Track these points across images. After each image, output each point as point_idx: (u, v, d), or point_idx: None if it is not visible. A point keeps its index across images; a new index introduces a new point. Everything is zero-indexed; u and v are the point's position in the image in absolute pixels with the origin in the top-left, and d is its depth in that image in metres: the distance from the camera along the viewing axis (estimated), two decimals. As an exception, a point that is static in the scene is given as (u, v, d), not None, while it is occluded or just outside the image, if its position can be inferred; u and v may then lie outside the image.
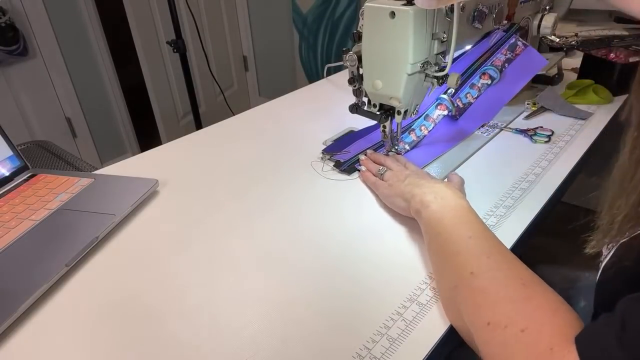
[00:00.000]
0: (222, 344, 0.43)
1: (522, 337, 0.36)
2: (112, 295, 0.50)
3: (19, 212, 0.62)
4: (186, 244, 0.57)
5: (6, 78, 1.87)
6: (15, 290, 0.49)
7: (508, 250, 0.45)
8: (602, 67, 0.93)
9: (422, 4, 0.53)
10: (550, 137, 0.77)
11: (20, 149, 0.74)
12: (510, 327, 0.37)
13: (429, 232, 0.50)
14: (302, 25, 2.48)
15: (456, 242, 0.46)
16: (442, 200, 0.51)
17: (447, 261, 0.46)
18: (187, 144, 0.85)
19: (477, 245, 0.45)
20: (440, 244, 0.48)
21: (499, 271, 0.42)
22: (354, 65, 0.66)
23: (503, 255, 0.44)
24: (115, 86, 2.24)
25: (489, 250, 0.44)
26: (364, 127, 0.82)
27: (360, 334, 0.43)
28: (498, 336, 0.37)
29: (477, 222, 0.48)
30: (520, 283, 0.40)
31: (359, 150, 0.75)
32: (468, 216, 0.49)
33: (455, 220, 0.49)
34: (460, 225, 0.48)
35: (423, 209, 0.52)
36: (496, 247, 0.45)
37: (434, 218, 0.50)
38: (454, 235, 0.47)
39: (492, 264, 0.43)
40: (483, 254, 0.44)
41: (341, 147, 0.77)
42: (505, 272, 0.42)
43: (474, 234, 0.46)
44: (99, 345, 0.44)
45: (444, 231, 0.48)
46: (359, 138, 0.79)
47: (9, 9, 1.77)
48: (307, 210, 0.63)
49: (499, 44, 0.82)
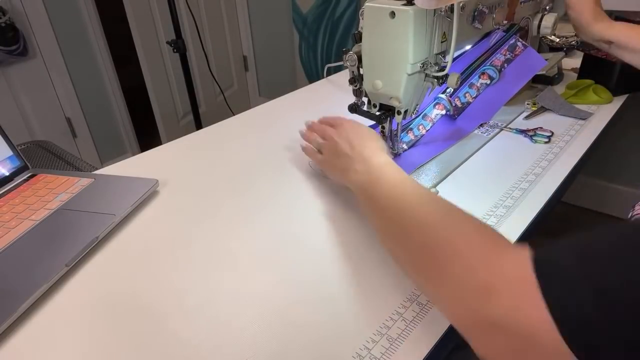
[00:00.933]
0: (221, 344, 0.43)
1: (455, 254, 0.38)
2: (112, 295, 0.50)
3: (19, 212, 0.62)
4: (186, 244, 0.57)
5: (6, 78, 1.87)
6: (15, 290, 0.49)
7: (426, 189, 0.49)
8: (602, 67, 0.93)
9: (422, 4, 0.53)
10: (550, 138, 0.77)
11: (20, 149, 0.74)
12: (444, 247, 0.39)
13: (358, 196, 0.54)
14: (302, 25, 2.48)
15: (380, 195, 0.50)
16: (360, 166, 0.55)
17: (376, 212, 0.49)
18: (187, 144, 0.85)
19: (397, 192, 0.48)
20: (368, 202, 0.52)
21: (423, 205, 0.45)
22: (354, 65, 0.66)
23: (423, 192, 0.47)
24: (115, 86, 2.23)
25: (409, 191, 0.48)
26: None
27: (360, 334, 0.43)
28: (432, 257, 0.40)
29: (392, 173, 0.51)
30: (444, 212, 0.43)
31: None
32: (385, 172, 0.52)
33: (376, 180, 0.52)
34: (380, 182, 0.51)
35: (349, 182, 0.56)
36: (415, 187, 0.48)
37: (359, 185, 0.54)
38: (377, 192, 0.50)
39: (415, 201, 0.46)
40: (403, 196, 0.47)
41: None
42: (429, 205, 0.45)
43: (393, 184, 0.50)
44: (98, 345, 0.44)
45: (369, 193, 0.52)
46: None
47: (9, 9, 1.77)
48: (307, 211, 0.63)
49: (499, 44, 0.82)
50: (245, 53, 2.78)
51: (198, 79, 2.37)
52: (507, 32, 0.83)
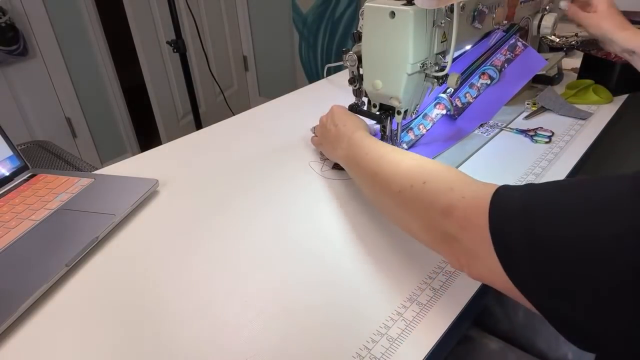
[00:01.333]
0: (222, 344, 0.43)
1: (424, 187, 0.44)
2: (112, 295, 0.50)
3: (19, 212, 0.62)
4: (186, 244, 0.57)
5: (6, 78, 1.87)
6: (15, 290, 0.49)
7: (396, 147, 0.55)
8: (602, 67, 0.93)
9: (422, 4, 0.53)
10: (551, 138, 0.77)
11: (20, 149, 0.74)
12: (415, 185, 0.45)
13: (351, 167, 0.60)
14: (302, 25, 2.48)
15: (362, 163, 0.56)
16: (346, 142, 0.61)
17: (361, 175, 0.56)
18: (187, 144, 0.85)
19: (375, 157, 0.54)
20: (354, 171, 0.59)
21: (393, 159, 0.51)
22: (354, 65, 0.66)
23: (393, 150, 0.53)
24: (115, 86, 2.24)
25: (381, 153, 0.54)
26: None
27: (360, 334, 0.43)
28: (407, 194, 0.46)
29: (370, 145, 0.57)
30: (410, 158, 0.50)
31: None
32: (361, 142, 0.58)
33: (364, 148, 0.57)
34: (368, 150, 0.56)
35: (339, 157, 0.64)
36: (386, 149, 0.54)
37: (344, 159, 0.62)
38: (359, 161, 0.57)
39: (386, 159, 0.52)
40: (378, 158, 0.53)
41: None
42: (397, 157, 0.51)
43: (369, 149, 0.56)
44: (99, 345, 0.44)
45: (352, 164, 0.59)
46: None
47: (9, 9, 1.77)
48: (307, 211, 0.63)
49: (499, 44, 0.82)
50: (245, 53, 2.78)
51: (198, 79, 2.37)
52: (507, 32, 0.83)
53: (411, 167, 0.48)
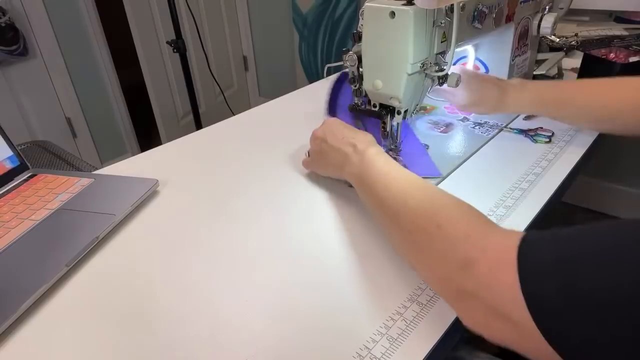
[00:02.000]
0: (222, 344, 0.43)
1: (438, 232, 0.41)
2: (112, 296, 0.50)
3: (19, 212, 0.62)
4: (186, 244, 0.57)
5: (6, 78, 1.87)
6: (15, 290, 0.49)
7: (413, 175, 0.51)
8: (602, 67, 0.93)
9: (422, 4, 0.53)
10: (551, 138, 0.77)
11: (20, 149, 0.74)
12: (428, 227, 0.42)
13: (360, 187, 0.57)
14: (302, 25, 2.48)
15: (375, 187, 0.52)
16: (359, 157, 0.57)
17: (378, 205, 0.52)
18: (187, 144, 0.85)
19: (394, 185, 0.51)
20: (372, 192, 0.53)
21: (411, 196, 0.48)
22: (354, 65, 0.66)
23: (409, 179, 0.50)
24: (115, 86, 2.24)
25: (397, 177, 0.51)
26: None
27: (360, 334, 0.43)
28: (420, 237, 0.43)
29: (383, 166, 0.54)
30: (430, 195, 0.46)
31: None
32: (382, 160, 0.55)
33: (378, 167, 0.54)
34: (382, 171, 0.54)
35: (349, 173, 0.59)
36: (402, 174, 0.52)
37: (360, 174, 0.56)
38: (380, 182, 0.53)
39: (400, 188, 0.49)
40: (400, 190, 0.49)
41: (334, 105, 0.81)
42: (413, 189, 0.48)
43: (395, 174, 0.52)
44: (98, 344, 0.44)
45: (370, 181, 0.54)
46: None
47: (9, 9, 1.77)
48: (307, 211, 0.63)
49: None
50: (245, 53, 2.78)
51: (198, 79, 2.37)
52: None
53: (421, 202, 0.45)
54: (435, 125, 0.84)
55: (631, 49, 1.02)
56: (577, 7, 1.29)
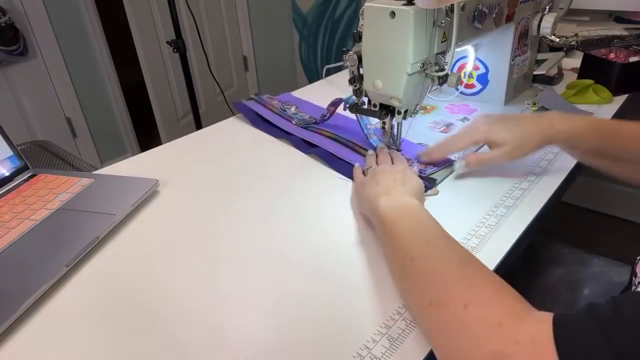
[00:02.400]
0: (222, 344, 0.43)
1: (465, 314, 0.35)
2: (112, 295, 0.50)
3: (19, 212, 0.62)
4: (186, 244, 0.57)
5: (6, 78, 1.87)
6: (15, 290, 0.49)
7: (450, 236, 0.46)
8: (602, 67, 0.93)
9: (422, 4, 0.53)
10: (551, 137, 0.77)
11: (20, 149, 0.74)
12: (452, 305, 0.36)
13: (377, 226, 0.52)
14: (302, 25, 2.48)
15: (400, 231, 0.47)
16: (392, 198, 0.53)
17: (392, 250, 0.47)
18: (187, 143, 0.85)
19: (418, 234, 0.46)
20: (386, 234, 0.49)
21: (437, 252, 0.43)
22: (354, 65, 0.66)
23: (444, 241, 0.45)
24: (115, 86, 2.23)
25: (428, 237, 0.45)
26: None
27: (361, 333, 0.43)
28: (442, 315, 0.37)
29: (424, 214, 0.50)
30: (458, 262, 0.41)
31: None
32: (415, 211, 0.50)
33: (401, 214, 0.50)
34: (405, 217, 0.49)
35: (374, 207, 0.53)
36: (437, 232, 0.46)
37: (382, 213, 0.51)
38: (399, 225, 0.48)
39: (430, 248, 0.44)
40: (423, 241, 0.45)
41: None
42: (445, 254, 0.43)
43: (417, 223, 0.48)
44: (98, 345, 0.44)
45: (389, 223, 0.49)
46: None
47: (9, 9, 1.77)
48: (307, 210, 0.63)
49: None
50: (245, 53, 2.77)
51: (198, 79, 2.37)
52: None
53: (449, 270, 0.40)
54: (435, 125, 0.84)
55: (631, 49, 1.02)
56: (577, 7, 1.29)
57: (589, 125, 0.60)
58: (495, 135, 0.61)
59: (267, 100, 0.93)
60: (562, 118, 0.61)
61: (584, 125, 0.60)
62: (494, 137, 0.61)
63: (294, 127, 0.83)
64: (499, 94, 0.89)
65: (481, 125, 0.62)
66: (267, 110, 0.89)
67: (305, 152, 0.77)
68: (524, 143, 0.61)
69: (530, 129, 0.61)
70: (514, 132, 0.61)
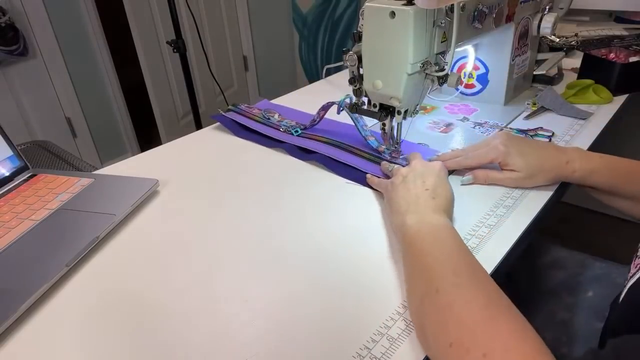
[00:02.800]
0: (222, 344, 0.43)
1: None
2: (112, 295, 0.50)
3: (19, 212, 0.62)
4: (186, 244, 0.57)
5: (6, 78, 1.87)
6: (15, 290, 0.49)
7: (480, 267, 0.43)
8: (602, 67, 0.93)
9: (422, 4, 0.53)
10: (551, 138, 0.77)
11: (20, 149, 0.74)
12: (473, 351, 0.35)
13: (403, 244, 0.50)
14: (302, 25, 2.48)
15: (427, 257, 0.45)
16: (420, 216, 0.51)
17: (416, 276, 0.45)
18: (187, 144, 0.85)
19: (446, 262, 0.44)
20: (412, 257, 0.47)
21: (464, 289, 0.40)
22: (354, 65, 0.66)
23: (472, 273, 0.42)
24: (115, 86, 2.24)
25: (457, 267, 0.43)
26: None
27: (361, 333, 0.43)
28: (460, 359, 0.36)
29: (452, 240, 0.47)
30: (484, 302, 0.38)
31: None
32: (444, 234, 0.48)
33: (430, 236, 0.48)
34: (433, 241, 0.47)
35: (401, 224, 0.52)
36: (467, 264, 0.44)
37: (410, 233, 0.49)
38: (426, 250, 0.46)
39: (458, 281, 0.41)
40: (450, 271, 0.42)
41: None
42: (471, 290, 0.40)
43: (445, 250, 0.45)
44: (99, 345, 0.44)
45: (417, 245, 0.47)
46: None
47: (9, 9, 1.77)
48: (307, 210, 0.63)
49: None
50: (245, 53, 2.78)
51: (198, 79, 2.37)
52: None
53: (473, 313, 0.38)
54: (435, 125, 0.84)
55: (631, 49, 1.02)
56: (577, 7, 1.29)
57: (607, 165, 0.60)
58: (510, 158, 0.61)
59: (246, 109, 0.91)
60: (581, 157, 0.61)
61: (602, 165, 0.60)
62: (508, 160, 0.61)
63: (283, 134, 0.81)
64: (499, 94, 0.90)
65: (500, 145, 0.62)
66: (250, 120, 0.87)
67: (302, 159, 0.75)
68: (535, 175, 0.61)
69: (545, 163, 0.61)
70: (529, 161, 0.61)
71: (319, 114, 0.81)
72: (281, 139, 0.79)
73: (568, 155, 0.61)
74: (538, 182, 0.62)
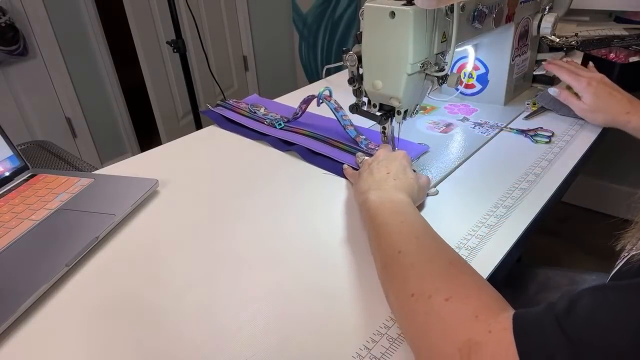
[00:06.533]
0: (221, 344, 0.43)
1: (445, 306, 0.37)
2: (112, 295, 0.50)
3: (19, 212, 0.62)
4: (186, 244, 0.57)
5: (6, 78, 1.87)
6: (15, 290, 0.49)
7: (438, 235, 0.47)
8: (602, 67, 0.93)
9: (422, 4, 0.53)
10: (551, 138, 0.77)
11: (20, 149, 0.74)
12: (435, 297, 0.38)
13: (366, 219, 0.53)
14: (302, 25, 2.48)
15: (388, 225, 0.48)
16: (382, 193, 0.54)
17: (379, 243, 0.48)
18: (187, 144, 0.85)
19: (407, 229, 0.47)
20: (374, 228, 0.50)
21: (427, 249, 0.44)
22: (354, 65, 0.66)
23: (432, 238, 0.46)
24: (115, 86, 2.23)
25: (418, 233, 0.46)
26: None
27: (360, 333, 0.43)
28: (421, 306, 0.38)
29: (412, 212, 0.50)
30: (447, 261, 0.42)
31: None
32: (404, 207, 0.51)
33: (391, 209, 0.51)
34: (394, 213, 0.50)
35: (364, 200, 0.55)
36: (426, 231, 0.47)
37: (372, 207, 0.52)
38: (388, 219, 0.49)
39: (420, 244, 0.45)
40: (412, 236, 0.46)
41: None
42: (433, 251, 0.44)
43: (406, 219, 0.49)
44: (99, 345, 0.44)
45: (378, 217, 0.50)
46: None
47: (9, 9, 1.77)
48: (307, 210, 0.63)
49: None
50: (245, 53, 2.77)
51: (198, 79, 2.36)
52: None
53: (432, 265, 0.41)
54: (435, 125, 0.84)
55: (631, 49, 1.02)
56: (577, 7, 1.29)
57: None
58: (587, 94, 0.75)
59: (234, 104, 0.94)
60: None
61: None
62: (585, 94, 0.75)
63: (267, 127, 0.84)
64: (499, 94, 0.90)
65: (588, 76, 0.75)
66: (237, 114, 0.90)
67: (283, 150, 0.78)
68: (596, 111, 0.75)
69: (609, 108, 0.72)
70: (597, 100, 0.73)
71: (300, 107, 0.83)
72: (264, 132, 0.82)
73: (631, 107, 0.71)
74: (598, 120, 0.76)
